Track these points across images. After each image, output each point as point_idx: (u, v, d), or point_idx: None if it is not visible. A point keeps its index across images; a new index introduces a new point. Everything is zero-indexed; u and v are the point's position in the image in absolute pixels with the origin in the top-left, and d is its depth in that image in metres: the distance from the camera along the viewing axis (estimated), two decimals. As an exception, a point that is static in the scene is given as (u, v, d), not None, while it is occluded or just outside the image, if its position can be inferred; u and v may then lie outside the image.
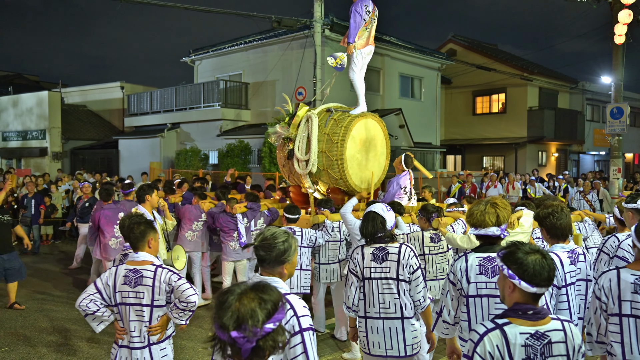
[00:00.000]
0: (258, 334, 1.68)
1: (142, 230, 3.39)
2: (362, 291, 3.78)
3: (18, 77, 38.60)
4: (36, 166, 23.32)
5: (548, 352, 2.19)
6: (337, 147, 6.95)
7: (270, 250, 2.47)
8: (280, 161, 7.81)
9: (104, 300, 3.38)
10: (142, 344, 3.35)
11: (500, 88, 25.45)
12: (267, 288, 1.78)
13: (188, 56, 22.89)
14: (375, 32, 7.72)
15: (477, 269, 3.16)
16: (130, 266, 3.37)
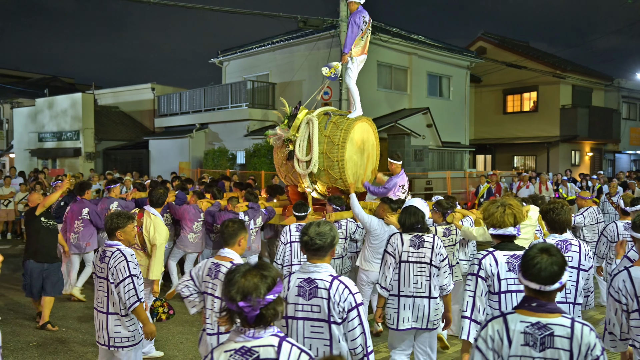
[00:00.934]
0: (261, 304, 2.02)
1: (235, 229, 3.66)
2: (397, 272, 4.35)
3: (54, 79, 39.65)
4: (70, 166, 23.91)
5: (549, 343, 2.31)
6: (338, 148, 7.34)
7: (325, 238, 2.90)
8: (278, 162, 7.98)
9: (196, 287, 3.70)
10: (213, 332, 3.65)
11: (532, 86, 24.95)
12: (267, 266, 2.11)
13: (216, 57, 23.13)
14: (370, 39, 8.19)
15: (506, 266, 3.38)
16: (215, 260, 3.68)
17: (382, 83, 19.78)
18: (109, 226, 4.07)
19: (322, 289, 2.89)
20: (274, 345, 2.07)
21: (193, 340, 6.12)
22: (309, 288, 2.93)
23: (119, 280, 3.92)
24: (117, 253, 3.98)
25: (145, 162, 23.85)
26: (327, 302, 2.87)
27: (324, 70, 7.97)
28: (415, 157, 19.32)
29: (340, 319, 2.89)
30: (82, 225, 7.68)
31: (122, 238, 4.08)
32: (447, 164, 21.72)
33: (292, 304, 2.96)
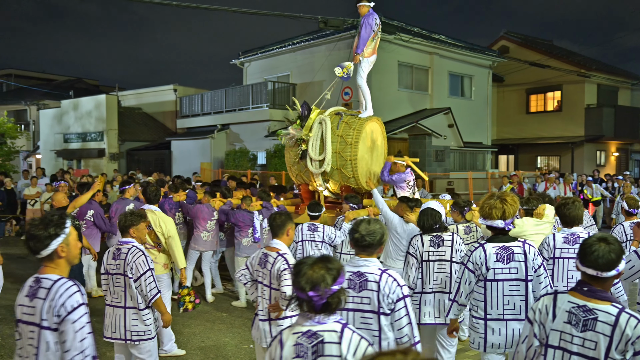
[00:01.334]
0: (328, 294, 2.24)
1: (282, 221, 3.93)
2: (420, 271, 4.64)
3: (78, 81, 40.34)
4: (94, 166, 24.29)
5: (591, 326, 2.51)
6: (351, 148, 7.53)
7: (375, 236, 3.07)
8: (289, 161, 8.12)
9: (251, 275, 4.05)
10: (264, 318, 3.94)
11: (556, 85, 24.58)
12: (332, 259, 2.34)
13: (237, 58, 23.28)
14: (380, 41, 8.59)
15: (494, 257, 3.64)
16: (265, 250, 3.96)
17: (403, 83, 19.70)
18: (123, 224, 4.21)
19: (372, 282, 3.05)
20: (337, 331, 2.27)
21: (214, 339, 6.17)
22: (359, 281, 3.08)
23: (140, 274, 4.07)
24: (133, 249, 4.13)
25: (168, 163, 24.10)
26: (377, 294, 3.04)
27: (337, 70, 8.06)
28: (437, 158, 19.19)
29: (389, 310, 3.05)
30: (85, 227, 7.67)
31: (135, 235, 4.23)
32: (469, 164, 21.52)
33: None
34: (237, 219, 7.52)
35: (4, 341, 6.04)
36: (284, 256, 3.83)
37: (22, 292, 2.61)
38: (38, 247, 2.55)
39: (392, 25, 18.43)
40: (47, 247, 2.56)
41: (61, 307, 2.46)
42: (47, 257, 2.58)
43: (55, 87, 35.88)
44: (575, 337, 2.53)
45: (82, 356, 2.45)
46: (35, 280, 2.59)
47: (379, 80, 18.16)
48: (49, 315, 2.47)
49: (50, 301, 2.48)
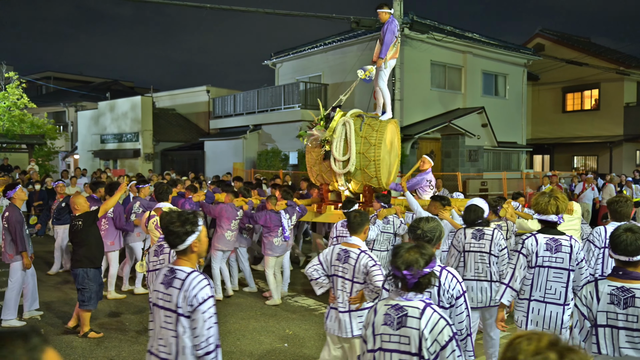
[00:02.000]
0: (419, 274, 2.59)
1: (362, 220, 4.20)
2: (461, 260, 5.09)
3: (115, 83, 41.26)
4: (130, 167, 24.79)
5: (630, 303, 2.94)
6: (375, 149, 7.78)
7: (434, 232, 3.39)
8: (310, 161, 8.29)
9: (324, 271, 4.25)
10: (344, 309, 4.15)
11: (593, 83, 24.00)
12: (426, 246, 2.74)
13: (269, 59, 23.44)
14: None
15: (544, 246, 4.12)
16: (343, 247, 4.18)
17: (435, 82, 19.53)
18: None
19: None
20: (419, 308, 2.60)
21: (249, 338, 6.24)
22: None
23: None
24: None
25: (201, 163, 24.44)
26: (438, 289, 3.29)
27: (359, 72, 8.27)
28: (470, 158, 18.96)
29: (449, 304, 3.30)
30: (107, 224, 7.79)
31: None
32: (503, 164, 21.20)
33: None
34: (266, 220, 7.60)
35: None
36: (367, 252, 4.11)
37: (158, 279, 2.96)
38: (176, 242, 2.88)
39: (424, 24, 18.29)
40: (184, 243, 2.88)
41: (194, 298, 2.77)
42: (181, 251, 2.91)
43: (92, 89, 36.79)
44: (619, 314, 2.96)
45: (206, 343, 2.76)
46: (170, 270, 2.93)
47: (411, 79, 18.05)
48: (184, 304, 2.79)
49: (184, 292, 2.79)
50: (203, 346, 2.75)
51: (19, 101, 23.64)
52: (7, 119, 22.97)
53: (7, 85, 23.87)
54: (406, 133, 17.10)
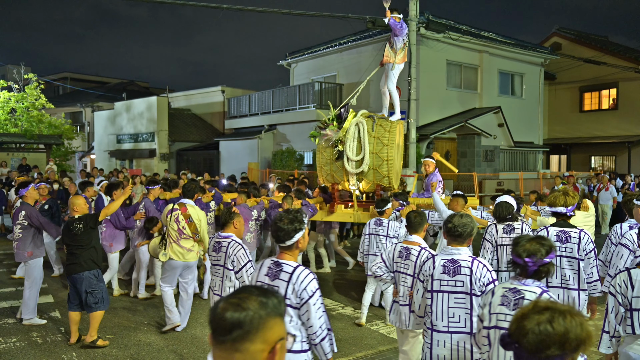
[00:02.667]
0: (540, 263, 2.87)
1: (421, 219, 4.50)
2: (495, 254, 5.35)
3: (131, 84, 41.64)
4: (146, 166, 24.98)
5: None
6: (387, 149, 7.94)
7: (466, 228, 3.59)
8: (322, 161, 8.32)
9: (387, 268, 4.52)
10: (405, 303, 4.39)
11: (611, 83, 23.69)
12: (545, 238, 2.96)
13: (284, 59, 23.47)
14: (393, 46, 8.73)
15: (554, 237, 4.56)
16: (404, 244, 4.48)
17: (451, 82, 19.43)
18: (225, 220, 4.64)
19: (465, 267, 3.56)
20: (536, 292, 2.87)
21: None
22: (453, 267, 3.59)
23: (241, 266, 4.44)
24: (233, 243, 4.52)
25: (216, 163, 24.55)
26: (470, 278, 3.54)
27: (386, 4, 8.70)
28: (486, 158, 18.84)
29: (480, 292, 3.51)
30: (105, 226, 7.64)
31: (237, 227, 4.66)
32: (520, 164, 21.03)
33: (438, 280, 3.62)
34: None
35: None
36: (427, 249, 4.39)
37: (261, 271, 3.22)
38: (285, 238, 3.16)
39: (440, 23, 18.20)
40: (292, 239, 3.16)
41: (303, 291, 3.01)
42: (287, 247, 3.18)
43: (108, 90, 37.15)
44: None
45: (320, 330, 3.05)
46: (275, 263, 3.19)
47: (427, 79, 17.97)
48: (293, 296, 3.04)
49: (293, 284, 3.05)
50: (318, 333, 3.05)
51: (37, 102, 23.93)
52: (25, 119, 23.27)
53: (26, 86, 24.19)
54: (422, 133, 17.03)
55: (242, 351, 1.37)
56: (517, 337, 1.69)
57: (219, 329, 1.40)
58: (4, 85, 23.86)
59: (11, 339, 6.03)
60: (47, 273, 9.17)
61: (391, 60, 8.45)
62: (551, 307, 1.70)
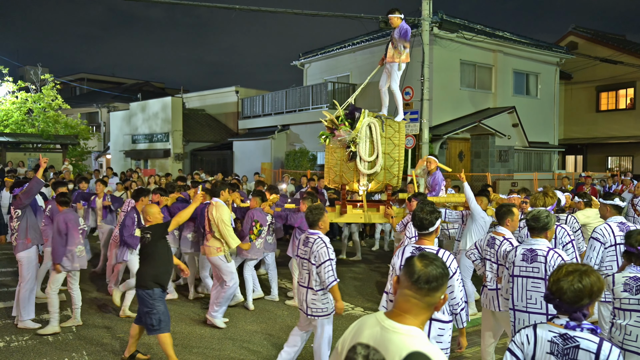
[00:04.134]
0: None
1: (505, 211, 4.85)
2: None
3: (146, 84, 41.98)
4: (160, 166, 25.17)
5: None
6: (398, 149, 7.98)
7: (538, 222, 4.08)
8: (332, 162, 8.19)
9: (479, 254, 5.01)
10: (492, 287, 4.83)
11: (629, 82, 23.39)
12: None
13: (298, 60, 23.51)
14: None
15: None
16: (493, 234, 4.90)
17: (465, 82, 19.31)
18: (311, 219, 4.83)
19: (541, 256, 4.02)
20: None
21: (275, 338, 6.23)
22: (531, 255, 4.07)
23: (320, 262, 4.64)
24: (318, 240, 4.72)
25: (230, 163, 24.67)
26: (544, 265, 3.98)
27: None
28: (500, 158, 18.68)
29: None
30: None
31: (322, 227, 4.83)
32: (535, 165, 20.84)
33: (518, 266, 4.10)
34: (302, 222, 7.29)
35: (78, 333, 6.36)
36: (509, 240, 4.75)
37: (404, 255, 3.80)
38: (428, 225, 3.73)
39: (453, 23, 18.10)
40: (433, 226, 3.75)
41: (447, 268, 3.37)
42: (428, 233, 3.76)
43: (124, 90, 37.52)
44: None
45: (461, 301, 3.72)
46: (416, 248, 3.76)
47: (440, 79, 17.88)
48: None
49: None
50: (460, 304, 3.73)
51: (54, 102, 24.24)
52: (42, 119, 23.59)
53: (43, 87, 24.52)
54: (435, 133, 16.94)
55: (431, 296, 2.02)
56: (558, 295, 2.37)
57: (421, 279, 2.01)
58: (22, 86, 24.20)
59: (23, 337, 6.11)
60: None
61: (396, 59, 8.35)
62: (576, 269, 2.39)
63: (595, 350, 2.29)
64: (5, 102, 23.76)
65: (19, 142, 21.37)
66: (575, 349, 2.34)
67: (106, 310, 7.24)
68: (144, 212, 5.50)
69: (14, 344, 5.89)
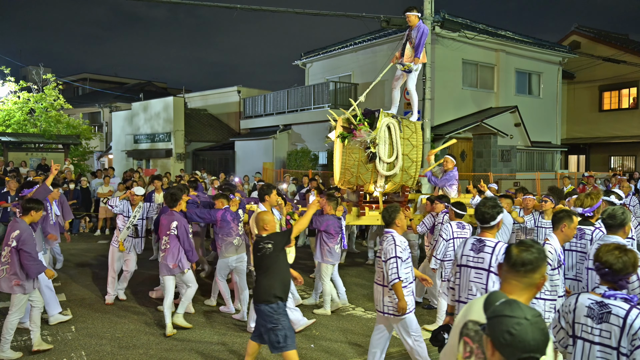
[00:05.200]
0: None
1: (561, 216, 4.63)
2: None
3: (148, 84, 41.99)
4: (162, 166, 25.16)
5: None
6: (416, 150, 7.92)
7: (615, 219, 4.21)
8: (348, 163, 7.94)
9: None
10: None
11: (632, 81, 23.28)
12: None
13: (299, 59, 23.47)
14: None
15: None
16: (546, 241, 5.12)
17: (467, 81, 19.25)
18: (388, 218, 4.90)
19: None
20: None
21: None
22: None
23: (386, 258, 4.73)
24: (389, 237, 4.81)
25: (232, 163, 24.65)
26: None
27: (399, 66, 8.47)
28: (502, 158, 18.61)
29: None
30: (169, 242, 6.52)
31: (399, 225, 4.86)
32: (537, 164, 20.76)
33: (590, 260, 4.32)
34: (328, 226, 7.12)
35: (77, 332, 6.34)
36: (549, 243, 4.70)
37: (466, 247, 3.96)
38: (489, 219, 3.91)
39: (456, 22, 18.04)
40: (495, 220, 3.91)
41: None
42: (490, 226, 3.92)
43: (126, 90, 37.54)
44: None
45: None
46: (478, 240, 3.93)
47: (442, 78, 17.82)
48: (496, 263, 3.72)
49: (496, 255, 3.78)
50: None
51: (56, 102, 24.24)
52: (44, 119, 23.58)
53: (45, 87, 24.51)
54: (437, 132, 16.89)
55: (529, 277, 2.36)
56: (607, 266, 2.86)
57: (517, 263, 2.37)
58: (24, 86, 24.21)
59: (22, 338, 6.09)
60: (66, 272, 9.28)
61: (415, 60, 8.23)
62: (618, 246, 2.91)
63: (624, 315, 2.73)
64: (7, 102, 23.76)
65: (20, 142, 21.37)
66: (607, 314, 2.80)
67: (105, 311, 7.22)
68: (260, 219, 4.99)
69: (13, 343, 5.87)
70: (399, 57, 8.57)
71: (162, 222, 6.60)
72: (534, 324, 1.83)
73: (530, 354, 1.79)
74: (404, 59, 8.40)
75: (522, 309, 1.86)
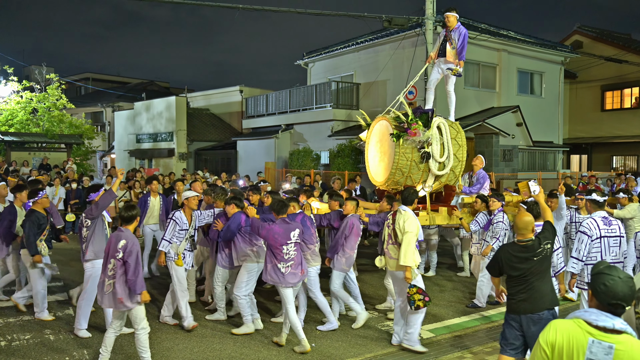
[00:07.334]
0: None
1: None
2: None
3: (151, 84, 42.03)
4: (164, 166, 25.21)
5: None
6: (462, 150, 7.99)
7: None
8: (401, 163, 7.66)
9: None
10: None
11: (634, 81, 23.26)
12: None
13: (302, 59, 23.50)
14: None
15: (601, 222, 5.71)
16: None
17: (469, 81, 19.24)
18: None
19: None
20: None
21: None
22: None
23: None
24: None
25: (234, 162, 24.68)
26: None
27: (447, 71, 8.55)
28: (504, 157, 18.62)
29: None
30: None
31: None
32: (539, 164, 20.76)
33: None
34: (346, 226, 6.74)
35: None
36: None
37: None
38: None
39: (458, 22, 18.02)
40: None
41: None
42: None
43: (129, 90, 37.60)
44: None
45: None
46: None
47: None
48: None
49: None
50: None
51: (59, 102, 24.30)
52: (47, 119, 23.66)
53: (48, 87, 24.59)
54: (438, 132, 16.90)
55: None
56: None
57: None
58: (26, 86, 24.28)
59: (25, 336, 6.13)
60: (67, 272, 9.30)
61: (453, 61, 8.31)
62: None
63: None
64: (10, 101, 23.84)
65: (23, 142, 21.44)
66: None
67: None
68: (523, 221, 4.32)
69: (16, 343, 5.91)
70: (434, 57, 8.56)
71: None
72: (624, 282, 2.45)
73: (618, 302, 2.42)
74: (445, 60, 8.34)
75: (617, 271, 2.49)
